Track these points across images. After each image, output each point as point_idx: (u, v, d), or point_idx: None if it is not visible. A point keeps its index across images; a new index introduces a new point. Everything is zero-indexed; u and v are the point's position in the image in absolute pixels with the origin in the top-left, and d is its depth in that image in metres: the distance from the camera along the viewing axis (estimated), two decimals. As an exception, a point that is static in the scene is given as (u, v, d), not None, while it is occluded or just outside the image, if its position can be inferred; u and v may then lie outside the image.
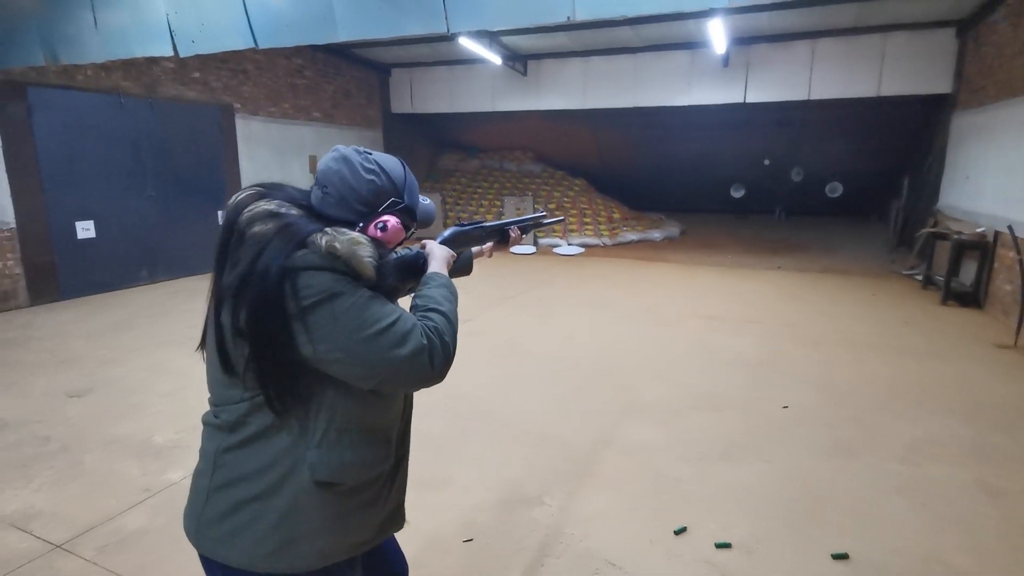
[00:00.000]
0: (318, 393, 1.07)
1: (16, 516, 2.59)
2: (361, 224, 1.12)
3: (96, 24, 4.87)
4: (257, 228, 1.03)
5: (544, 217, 1.67)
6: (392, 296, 1.16)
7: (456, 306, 1.19)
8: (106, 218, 6.93)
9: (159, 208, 7.50)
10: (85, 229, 6.73)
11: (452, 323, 1.13)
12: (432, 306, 1.13)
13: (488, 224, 1.48)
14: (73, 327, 5.57)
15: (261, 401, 1.05)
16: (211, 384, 1.13)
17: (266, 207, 1.06)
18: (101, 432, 3.39)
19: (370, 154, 1.15)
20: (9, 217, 6.08)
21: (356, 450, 1.11)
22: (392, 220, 1.13)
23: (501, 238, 1.56)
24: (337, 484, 1.10)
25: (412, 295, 1.21)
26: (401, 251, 1.32)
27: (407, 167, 1.22)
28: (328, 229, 1.03)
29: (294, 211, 1.08)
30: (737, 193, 13.39)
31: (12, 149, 6.03)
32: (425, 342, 1.04)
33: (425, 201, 1.28)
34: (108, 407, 3.74)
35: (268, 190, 1.13)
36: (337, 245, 1.00)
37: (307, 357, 1.02)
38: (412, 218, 1.20)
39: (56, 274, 6.51)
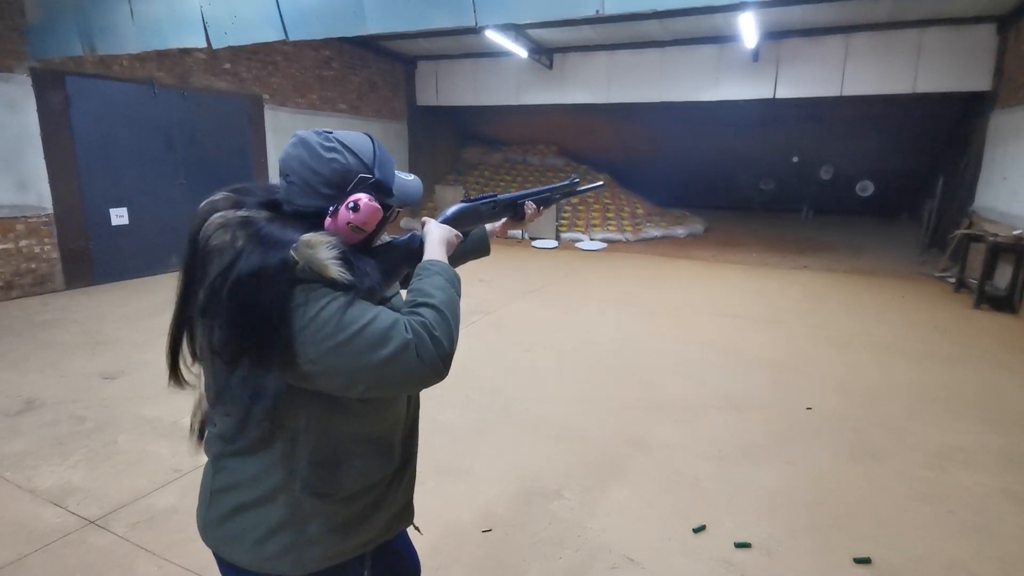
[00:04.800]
0: (306, 407, 1.02)
1: (52, 492, 2.69)
2: (332, 208, 1.02)
3: (132, 15, 4.98)
4: (219, 241, 0.96)
5: (577, 184, 1.45)
6: (376, 294, 1.03)
7: (455, 293, 1.07)
8: (139, 205, 7.11)
9: (189, 197, 7.65)
10: (119, 216, 6.92)
11: (445, 315, 1.01)
12: (420, 300, 1.02)
13: (502, 197, 1.32)
14: (107, 311, 5.73)
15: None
16: (206, 395, 1.10)
17: (231, 216, 0.99)
18: (133, 413, 3.50)
19: (330, 133, 1.06)
20: (47, 203, 6.27)
21: (352, 462, 1.08)
22: (364, 198, 1.01)
23: (515, 215, 1.39)
24: (330, 495, 1.07)
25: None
26: (392, 237, 1.20)
27: (378, 142, 1.12)
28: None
29: (262, 215, 1.00)
30: (766, 186, 13.17)
31: (50, 137, 6.21)
32: (410, 336, 0.95)
33: (408, 177, 1.16)
34: (140, 389, 3.86)
35: (240, 195, 1.06)
36: (292, 253, 0.92)
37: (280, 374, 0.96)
38: (387, 194, 1.09)
39: (91, 259, 6.70)
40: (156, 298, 6.24)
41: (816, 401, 3.76)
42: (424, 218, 1.23)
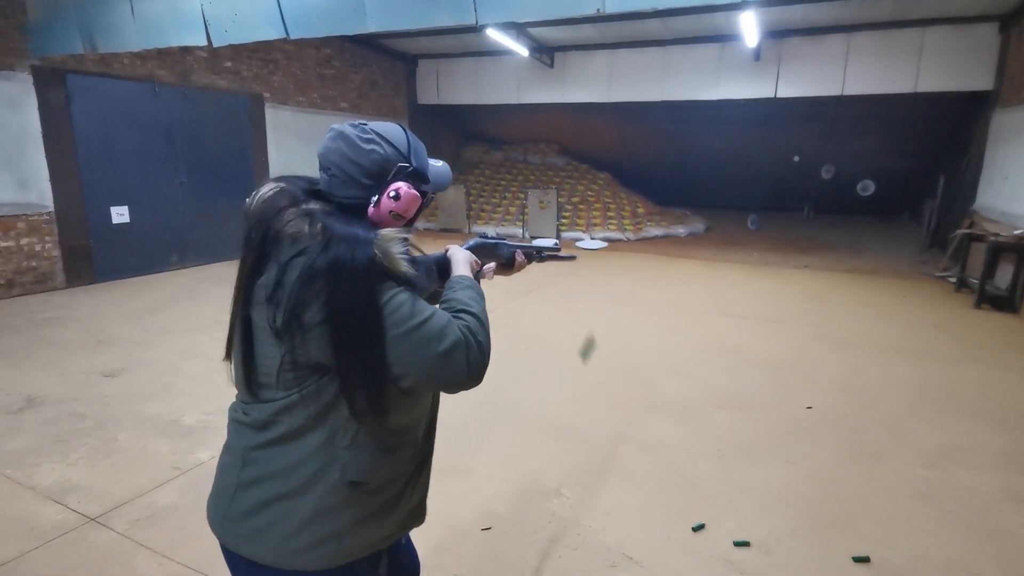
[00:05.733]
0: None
1: (53, 489, 2.70)
2: (375, 198, 1.08)
3: (133, 13, 4.98)
4: (295, 229, 1.01)
5: (558, 250, 1.60)
6: (424, 294, 1.12)
7: (484, 307, 1.15)
8: (140, 203, 7.11)
9: (190, 195, 7.67)
10: (120, 214, 6.93)
11: (484, 325, 1.09)
12: (460, 307, 1.09)
13: (511, 244, 1.45)
14: (108, 309, 5.74)
15: (293, 401, 1.04)
16: (240, 382, 1.12)
17: (302, 207, 1.04)
18: (134, 411, 3.51)
19: (366, 125, 1.11)
20: (48, 201, 6.27)
21: (386, 450, 1.11)
22: (403, 186, 1.08)
23: (507, 261, 1.49)
24: (366, 483, 1.09)
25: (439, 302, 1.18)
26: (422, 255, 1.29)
27: (409, 131, 1.17)
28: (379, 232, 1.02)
29: (320, 206, 1.06)
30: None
31: (51, 135, 6.21)
32: (462, 337, 1.02)
33: (437, 163, 1.22)
34: (141, 387, 3.86)
35: (289, 184, 1.10)
36: (375, 248, 0.99)
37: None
38: (424, 180, 1.16)
39: (92, 257, 6.71)
40: (156, 296, 6.24)
41: (816, 401, 3.76)
42: (448, 245, 1.31)
